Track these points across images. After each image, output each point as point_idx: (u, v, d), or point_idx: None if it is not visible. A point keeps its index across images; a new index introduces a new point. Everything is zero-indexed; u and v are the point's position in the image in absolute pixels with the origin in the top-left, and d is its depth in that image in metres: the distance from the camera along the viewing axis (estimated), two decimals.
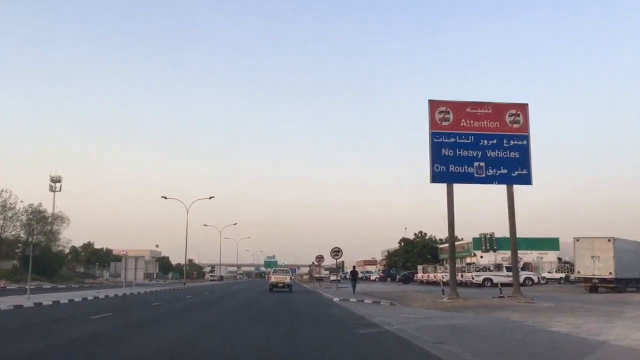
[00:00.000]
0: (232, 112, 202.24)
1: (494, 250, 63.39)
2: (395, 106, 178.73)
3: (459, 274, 49.54)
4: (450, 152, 24.29)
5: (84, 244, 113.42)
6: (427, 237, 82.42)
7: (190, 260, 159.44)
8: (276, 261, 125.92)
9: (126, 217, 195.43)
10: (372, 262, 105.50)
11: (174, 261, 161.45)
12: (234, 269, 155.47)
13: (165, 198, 61.53)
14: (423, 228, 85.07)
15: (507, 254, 61.63)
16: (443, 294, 25.05)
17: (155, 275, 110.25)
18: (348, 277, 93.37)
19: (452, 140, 24.39)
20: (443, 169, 24.09)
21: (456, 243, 74.23)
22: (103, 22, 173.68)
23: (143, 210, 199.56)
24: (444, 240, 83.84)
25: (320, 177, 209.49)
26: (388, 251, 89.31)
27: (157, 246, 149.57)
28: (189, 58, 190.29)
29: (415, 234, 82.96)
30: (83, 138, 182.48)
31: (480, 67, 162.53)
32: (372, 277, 76.47)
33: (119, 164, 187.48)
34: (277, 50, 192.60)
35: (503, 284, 29.95)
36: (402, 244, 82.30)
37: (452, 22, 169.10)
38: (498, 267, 43.41)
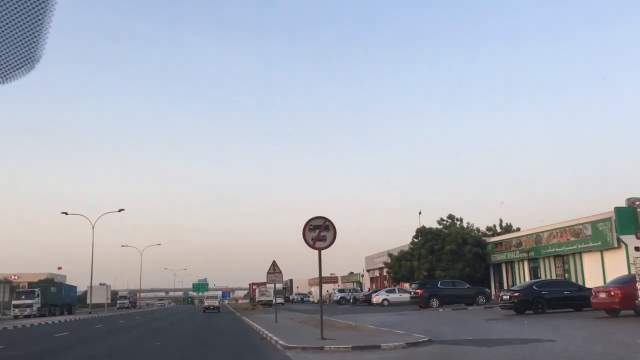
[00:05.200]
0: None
1: None
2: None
3: None
4: None
5: None
6: (461, 225, 46.55)
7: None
8: (207, 284, 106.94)
9: (24, 237, 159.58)
10: (332, 280, 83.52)
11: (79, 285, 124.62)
12: (161, 293, 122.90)
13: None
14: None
15: None
16: None
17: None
18: (305, 298, 69.78)
19: None
20: None
21: (568, 225, 20.96)
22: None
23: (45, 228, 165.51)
24: (494, 230, 48.29)
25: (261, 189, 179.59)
26: (389, 255, 52.20)
27: (59, 268, 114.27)
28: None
29: (441, 220, 46.79)
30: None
31: None
32: (378, 299, 39.84)
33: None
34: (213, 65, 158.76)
35: None
36: (420, 239, 45.94)
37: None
38: None
